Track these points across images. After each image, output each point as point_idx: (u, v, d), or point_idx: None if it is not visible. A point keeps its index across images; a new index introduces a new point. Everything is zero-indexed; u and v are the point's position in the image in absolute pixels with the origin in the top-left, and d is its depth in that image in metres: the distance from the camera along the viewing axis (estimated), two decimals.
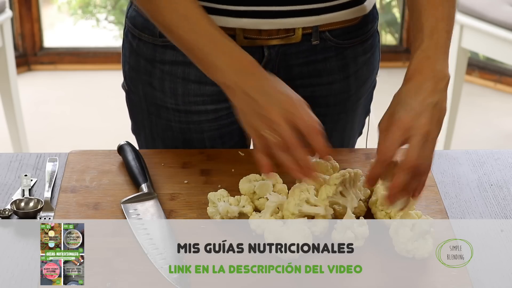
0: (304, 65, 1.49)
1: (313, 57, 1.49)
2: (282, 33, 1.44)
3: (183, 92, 1.48)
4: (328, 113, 1.54)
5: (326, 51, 1.49)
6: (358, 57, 1.52)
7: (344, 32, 1.48)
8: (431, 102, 1.23)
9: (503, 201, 1.40)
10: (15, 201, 1.35)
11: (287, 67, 1.48)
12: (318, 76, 1.50)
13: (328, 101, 1.53)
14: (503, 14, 2.92)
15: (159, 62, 1.48)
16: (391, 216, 1.27)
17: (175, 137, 1.54)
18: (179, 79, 1.48)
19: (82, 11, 4.18)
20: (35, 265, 1.24)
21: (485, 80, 3.81)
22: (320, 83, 1.51)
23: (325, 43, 1.48)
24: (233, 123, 1.53)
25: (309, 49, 1.47)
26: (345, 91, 1.53)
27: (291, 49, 1.46)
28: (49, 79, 3.87)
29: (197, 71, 1.44)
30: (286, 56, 1.47)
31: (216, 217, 1.29)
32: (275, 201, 1.26)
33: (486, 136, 3.49)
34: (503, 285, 1.22)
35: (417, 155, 1.19)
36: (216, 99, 1.50)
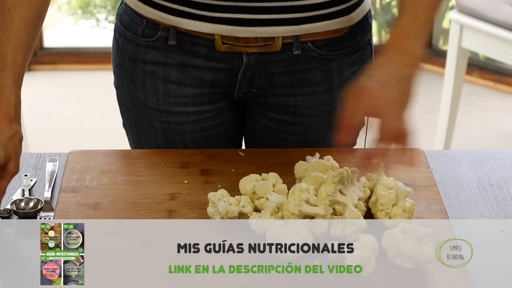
0: (286, 74, 1.47)
1: (295, 66, 1.46)
2: (260, 41, 1.43)
3: (163, 92, 1.49)
4: (311, 124, 1.53)
5: (309, 61, 1.46)
6: (344, 70, 1.49)
7: (329, 43, 1.46)
8: (399, 75, 1.25)
9: (503, 201, 1.40)
10: (15, 201, 1.35)
11: (268, 75, 1.47)
12: (300, 86, 1.48)
13: (311, 111, 1.51)
14: (503, 14, 2.92)
15: (141, 61, 1.49)
16: (391, 216, 1.27)
17: (157, 137, 1.55)
18: (160, 79, 1.48)
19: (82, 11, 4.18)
20: (35, 265, 1.24)
21: (485, 80, 3.80)
22: (303, 93, 1.49)
23: (307, 53, 1.45)
24: (216, 126, 1.53)
25: (291, 58, 1.45)
26: (329, 102, 1.50)
27: (272, 57, 1.45)
28: (49, 79, 3.86)
29: (178, 72, 1.46)
30: (267, 64, 1.45)
31: (216, 217, 1.29)
32: (275, 201, 1.26)
33: (486, 136, 3.49)
34: (503, 285, 1.22)
35: (394, 125, 1.21)
36: (198, 101, 1.50)
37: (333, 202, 1.25)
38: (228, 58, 1.44)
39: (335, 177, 1.25)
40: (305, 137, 1.54)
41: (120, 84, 1.55)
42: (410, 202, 1.28)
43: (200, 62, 1.45)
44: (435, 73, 3.90)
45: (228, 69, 1.45)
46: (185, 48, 1.45)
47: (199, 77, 1.47)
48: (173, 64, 1.46)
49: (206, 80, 1.47)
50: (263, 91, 1.49)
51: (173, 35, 1.44)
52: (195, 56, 1.45)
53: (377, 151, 1.23)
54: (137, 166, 1.43)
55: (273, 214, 1.27)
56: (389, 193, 1.27)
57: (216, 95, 1.50)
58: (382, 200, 1.27)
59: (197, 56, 1.45)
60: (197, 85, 1.48)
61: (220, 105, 1.52)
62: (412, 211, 1.28)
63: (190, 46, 1.44)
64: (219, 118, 1.53)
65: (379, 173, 1.30)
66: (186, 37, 1.44)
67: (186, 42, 1.44)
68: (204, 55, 1.44)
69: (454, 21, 3.02)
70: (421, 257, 1.18)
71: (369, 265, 1.18)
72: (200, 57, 1.45)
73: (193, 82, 1.47)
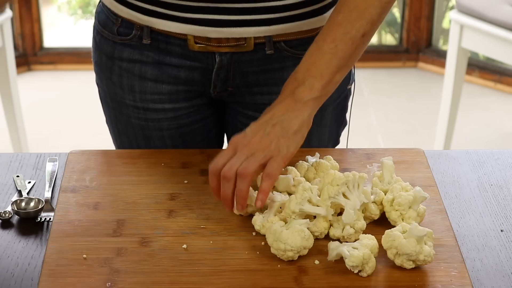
0: (260, 73, 1.48)
1: (269, 66, 1.47)
2: (232, 42, 1.43)
3: (140, 89, 1.50)
4: None
5: (283, 60, 1.47)
6: None
7: (302, 42, 1.45)
8: (274, 121, 1.26)
9: (503, 201, 1.41)
10: (16, 201, 1.35)
11: (242, 74, 1.47)
12: (275, 85, 1.48)
13: None
14: (503, 14, 2.92)
15: (118, 59, 1.50)
16: (405, 218, 1.26)
17: (136, 134, 1.56)
18: (136, 76, 1.50)
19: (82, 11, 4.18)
20: (35, 265, 1.24)
21: (485, 80, 3.80)
22: (278, 91, 1.46)
23: (280, 52, 1.46)
24: (194, 123, 1.55)
25: (264, 58, 1.46)
26: None
27: (245, 56, 1.45)
28: (49, 79, 3.86)
29: (153, 70, 1.48)
30: (240, 64, 1.46)
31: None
32: (279, 201, 1.26)
33: (486, 136, 3.49)
34: (503, 285, 1.22)
35: (233, 167, 1.23)
36: (174, 99, 1.51)
37: (334, 204, 1.25)
38: (201, 57, 1.46)
39: (340, 180, 1.24)
40: None
41: (100, 81, 1.58)
42: (423, 208, 1.28)
43: (175, 60, 1.47)
44: (435, 73, 3.90)
45: (202, 68, 1.47)
46: (160, 47, 1.46)
47: (174, 75, 1.48)
48: (148, 62, 1.48)
49: (181, 78, 1.49)
50: (238, 90, 1.50)
51: (147, 34, 1.46)
52: (169, 55, 1.47)
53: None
54: (137, 166, 1.43)
55: (276, 213, 1.27)
56: (408, 194, 1.27)
57: (192, 93, 1.52)
58: (400, 200, 1.26)
59: (172, 55, 1.46)
60: (172, 82, 1.49)
61: (196, 102, 1.53)
62: (423, 217, 1.28)
63: (164, 45, 1.46)
64: (196, 115, 1.54)
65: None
66: (160, 36, 1.46)
67: (160, 41, 1.46)
68: (178, 54, 1.46)
69: (454, 21, 3.02)
70: (421, 257, 1.18)
71: (369, 265, 1.18)
72: (175, 56, 1.46)
73: (168, 79, 1.49)
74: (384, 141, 3.34)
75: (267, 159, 1.24)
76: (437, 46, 3.94)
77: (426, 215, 1.29)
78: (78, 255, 1.22)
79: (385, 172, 1.33)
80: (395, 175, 1.33)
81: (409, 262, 1.19)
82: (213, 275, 1.19)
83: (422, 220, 1.28)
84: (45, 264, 1.20)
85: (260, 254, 1.23)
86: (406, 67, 3.96)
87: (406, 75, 3.91)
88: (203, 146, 1.59)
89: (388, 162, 1.33)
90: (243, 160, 1.23)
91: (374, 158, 1.46)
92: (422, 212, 1.27)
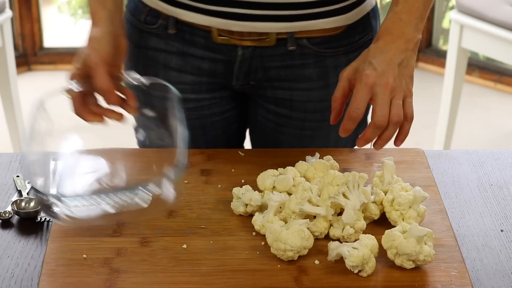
0: (281, 68, 1.48)
1: (290, 61, 1.47)
2: (254, 36, 1.44)
3: (163, 78, 1.49)
4: (307, 119, 1.53)
5: (304, 57, 1.47)
6: (340, 68, 1.45)
7: (325, 40, 1.46)
8: (397, 61, 1.28)
9: (503, 201, 1.41)
10: (16, 201, 1.35)
11: (264, 68, 1.48)
12: (296, 81, 1.49)
13: (307, 107, 1.52)
14: (503, 14, 2.92)
15: (144, 47, 1.51)
16: (405, 218, 1.26)
17: None
18: (160, 65, 1.51)
19: (82, 11, 4.18)
20: (35, 265, 1.24)
21: (485, 80, 3.80)
22: (298, 88, 1.50)
23: (302, 49, 1.46)
24: (215, 115, 1.56)
25: (286, 53, 1.46)
26: (325, 99, 1.48)
27: (267, 51, 1.46)
28: (49, 79, 3.86)
29: (178, 60, 1.50)
30: (262, 58, 1.47)
31: (239, 210, 1.29)
32: (278, 201, 1.26)
33: (486, 136, 3.49)
34: (503, 285, 1.22)
35: (385, 113, 1.24)
36: (197, 89, 1.52)
37: (334, 204, 1.25)
38: (224, 50, 1.47)
39: (340, 180, 1.24)
40: (301, 132, 1.55)
41: (126, 70, 1.57)
42: (423, 208, 1.28)
43: (199, 51, 1.48)
44: (435, 73, 3.90)
45: (225, 60, 1.48)
46: (185, 37, 1.48)
47: (198, 66, 1.49)
48: (173, 51, 1.49)
49: (204, 70, 1.50)
50: (260, 84, 1.51)
51: (172, 24, 1.47)
52: (193, 46, 1.48)
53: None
54: (137, 166, 1.43)
55: (276, 213, 1.27)
56: (408, 194, 1.27)
57: (215, 85, 1.52)
58: (400, 200, 1.26)
59: (196, 46, 1.48)
60: (196, 73, 1.50)
61: (219, 94, 1.54)
62: (424, 217, 1.28)
63: (189, 36, 1.47)
64: (217, 107, 1.55)
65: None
66: (185, 27, 1.47)
67: (185, 32, 1.47)
68: (202, 45, 1.47)
69: (454, 21, 3.02)
70: (421, 256, 1.18)
71: (369, 265, 1.18)
72: (199, 47, 1.47)
73: (192, 70, 1.50)
74: None
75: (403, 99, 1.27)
76: (437, 46, 3.94)
77: (426, 215, 1.29)
78: (78, 255, 1.22)
79: (385, 172, 1.33)
80: (395, 175, 1.33)
81: (409, 262, 1.19)
82: (213, 275, 1.19)
83: (422, 220, 1.28)
84: (45, 264, 1.20)
85: (260, 254, 1.23)
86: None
87: None
88: (222, 141, 1.59)
89: (388, 162, 1.33)
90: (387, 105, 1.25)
91: (374, 158, 1.46)
92: (422, 212, 1.27)
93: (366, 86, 1.26)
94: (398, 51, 1.28)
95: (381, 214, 1.29)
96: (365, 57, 1.29)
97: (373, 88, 1.25)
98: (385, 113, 1.25)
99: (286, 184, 1.31)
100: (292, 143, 1.55)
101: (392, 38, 1.29)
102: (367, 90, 1.25)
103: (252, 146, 1.65)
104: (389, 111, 1.25)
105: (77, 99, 1.35)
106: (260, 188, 1.33)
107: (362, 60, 1.29)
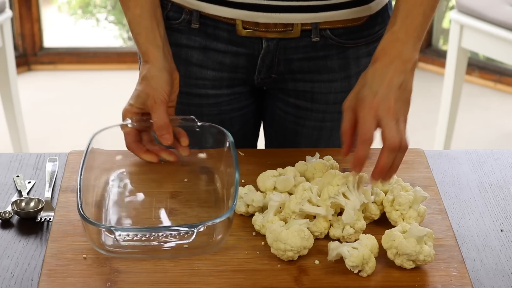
0: (304, 60, 1.50)
1: (313, 53, 1.49)
2: (280, 27, 1.45)
3: (185, 73, 1.51)
4: (327, 111, 1.55)
5: (327, 48, 1.49)
6: (361, 59, 1.52)
7: (347, 31, 1.48)
8: (396, 83, 1.26)
9: (503, 201, 1.41)
10: (16, 201, 1.35)
11: (287, 60, 1.49)
12: (318, 72, 1.51)
13: (328, 98, 1.53)
14: (503, 14, 2.92)
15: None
16: (405, 218, 1.26)
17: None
18: (182, 60, 1.51)
19: (82, 11, 4.18)
20: (35, 265, 1.24)
21: (485, 80, 3.80)
22: (320, 79, 1.51)
23: (325, 40, 1.48)
24: (234, 110, 1.57)
25: (309, 45, 1.48)
26: (346, 90, 1.51)
27: (291, 43, 1.47)
28: (49, 79, 3.86)
29: (199, 55, 1.50)
30: (286, 50, 1.48)
31: (241, 209, 1.29)
32: (278, 200, 1.26)
33: (486, 136, 3.49)
34: (503, 285, 1.22)
35: (395, 135, 1.23)
36: (217, 85, 1.53)
37: (334, 204, 1.25)
38: (248, 43, 1.47)
39: (340, 180, 1.24)
40: (321, 124, 1.56)
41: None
42: (423, 208, 1.28)
43: (221, 46, 1.49)
44: (435, 73, 3.90)
45: (248, 53, 1.49)
46: (207, 32, 1.48)
47: (219, 61, 1.50)
48: (195, 46, 1.50)
49: (226, 64, 1.50)
50: (281, 76, 1.52)
51: (196, 18, 1.47)
52: (216, 40, 1.48)
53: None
54: (137, 165, 1.43)
55: (276, 213, 1.27)
56: (408, 194, 1.27)
57: (236, 80, 1.53)
58: (401, 200, 1.26)
59: (218, 40, 1.48)
60: (217, 68, 1.51)
61: (239, 90, 1.55)
62: (424, 217, 1.28)
63: (212, 30, 1.48)
64: (237, 102, 1.56)
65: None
66: (209, 21, 1.47)
67: (208, 26, 1.48)
68: (225, 39, 1.48)
69: (454, 21, 3.02)
70: (421, 256, 1.18)
71: (369, 265, 1.18)
72: (221, 41, 1.48)
73: (214, 65, 1.51)
74: None
75: (404, 123, 1.26)
76: (437, 46, 3.94)
77: (426, 215, 1.29)
78: (78, 255, 1.22)
79: None
80: (395, 176, 1.33)
81: (409, 262, 1.19)
82: (213, 275, 1.19)
83: (422, 220, 1.28)
84: (45, 264, 1.20)
85: (260, 254, 1.23)
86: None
87: None
88: (238, 136, 1.59)
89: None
90: (395, 127, 1.23)
91: (374, 158, 1.46)
92: (422, 211, 1.27)
93: (370, 112, 1.24)
94: (397, 73, 1.27)
95: (381, 214, 1.29)
96: (364, 81, 1.28)
97: (377, 113, 1.24)
98: (395, 134, 1.23)
99: (287, 185, 1.31)
100: (311, 136, 1.57)
101: (390, 59, 1.28)
102: (372, 116, 1.24)
103: (269, 141, 1.66)
104: (398, 133, 1.23)
105: (131, 135, 1.40)
106: (261, 189, 1.33)
107: (361, 84, 1.28)
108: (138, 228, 1.26)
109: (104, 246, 1.20)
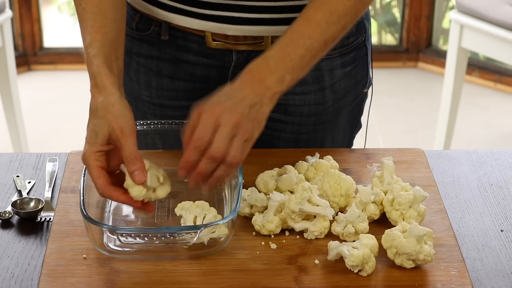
0: None
1: None
2: (250, 40, 1.43)
3: (156, 85, 1.50)
4: (302, 123, 1.52)
5: None
6: (335, 70, 1.48)
7: None
8: (249, 102, 1.20)
9: (503, 201, 1.41)
10: (16, 201, 1.35)
11: None
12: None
13: (302, 111, 1.50)
14: (503, 14, 2.92)
15: (136, 54, 1.51)
16: (405, 218, 1.26)
17: None
18: (153, 72, 1.50)
19: None
20: (35, 265, 1.24)
21: (485, 80, 3.80)
22: (293, 92, 1.46)
23: None
24: None
25: None
26: (320, 103, 1.50)
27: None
28: (49, 79, 3.86)
29: (170, 66, 1.49)
30: None
31: (244, 211, 1.29)
32: (278, 200, 1.26)
33: (486, 136, 3.49)
34: (503, 285, 1.22)
35: (223, 146, 1.17)
36: (190, 96, 1.50)
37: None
38: (218, 55, 1.46)
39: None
40: (297, 136, 1.53)
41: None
42: (423, 207, 1.28)
43: (192, 57, 1.47)
44: (435, 73, 3.90)
45: (219, 65, 1.47)
46: (177, 43, 1.47)
47: (191, 72, 1.49)
48: (166, 58, 1.49)
49: (198, 76, 1.49)
50: None
51: (165, 30, 1.46)
52: (187, 52, 1.47)
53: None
54: None
55: (276, 213, 1.27)
56: (408, 194, 1.27)
57: (209, 91, 1.49)
58: (400, 200, 1.26)
59: (189, 52, 1.47)
60: (189, 79, 1.50)
61: None
62: (424, 216, 1.28)
63: (182, 42, 1.46)
64: None
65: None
66: (178, 33, 1.46)
67: (178, 38, 1.46)
68: (195, 51, 1.46)
69: (454, 21, 3.02)
70: (421, 256, 1.18)
71: (369, 264, 1.18)
72: (192, 53, 1.47)
73: (185, 76, 1.49)
74: (384, 141, 3.34)
75: (243, 142, 1.19)
76: (437, 46, 3.94)
77: (426, 214, 1.29)
78: (78, 255, 1.22)
79: (385, 172, 1.33)
80: (395, 176, 1.33)
81: (409, 261, 1.19)
82: (213, 275, 1.19)
83: (422, 219, 1.28)
84: (45, 264, 1.20)
85: (260, 254, 1.23)
86: (406, 67, 3.96)
87: (406, 75, 3.91)
88: None
89: (388, 163, 1.33)
90: (227, 140, 1.18)
91: (374, 158, 1.46)
92: (422, 211, 1.27)
93: (211, 118, 1.18)
94: (252, 93, 1.21)
95: (381, 214, 1.29)
96: (220, 92, 1.22)
97: (218, 121, 1.18)
98: (221, 146, 1.17)
99: (289, 183, 1.31)
100: (287, 148, 1.55)
101: (251, 80, 1.22)
102: (212, 122, 1.18)
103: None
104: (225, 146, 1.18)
105: (102, 179, 1.20)
106: (260, 190, 1.33)
107: (219, 92, 1.23)
108: (141, 229, 1.26)
109: (106, 246, 1.21)
